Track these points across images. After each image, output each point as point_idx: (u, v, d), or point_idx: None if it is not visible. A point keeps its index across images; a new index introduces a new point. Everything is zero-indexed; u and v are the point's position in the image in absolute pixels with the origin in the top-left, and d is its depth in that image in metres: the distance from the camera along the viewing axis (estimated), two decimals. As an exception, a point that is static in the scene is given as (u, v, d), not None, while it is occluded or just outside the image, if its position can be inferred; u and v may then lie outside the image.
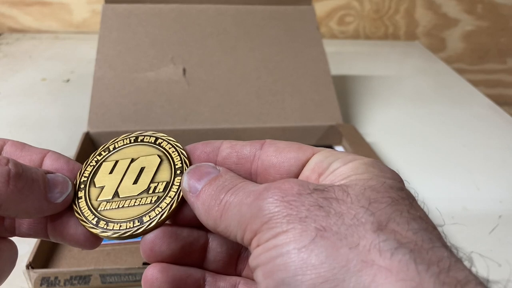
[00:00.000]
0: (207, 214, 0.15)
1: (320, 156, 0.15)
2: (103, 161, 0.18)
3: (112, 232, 0.16)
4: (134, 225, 0.16)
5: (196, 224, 0.16)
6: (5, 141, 0.17)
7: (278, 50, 0.48)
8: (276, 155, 0.16)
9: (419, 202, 0.14)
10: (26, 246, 0.30)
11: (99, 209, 0.16)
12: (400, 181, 0.14)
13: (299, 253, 0.12)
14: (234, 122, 0.43)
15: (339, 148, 0.44)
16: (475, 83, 0.67)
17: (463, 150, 0.47)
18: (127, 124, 0.41)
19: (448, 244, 0.13)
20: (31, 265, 0.25)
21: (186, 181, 0.16)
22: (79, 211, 0.16)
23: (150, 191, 0.16)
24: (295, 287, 0.11)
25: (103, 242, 0.29)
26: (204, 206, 0.15)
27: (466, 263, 0.12)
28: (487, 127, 0.53)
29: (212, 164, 0.16)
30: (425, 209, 0.14)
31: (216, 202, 0.14)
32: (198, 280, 0.16)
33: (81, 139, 0.38)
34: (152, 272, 0.15)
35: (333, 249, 0.11)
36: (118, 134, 0.44)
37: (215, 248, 0.17)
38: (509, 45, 0.86)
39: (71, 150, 0.40)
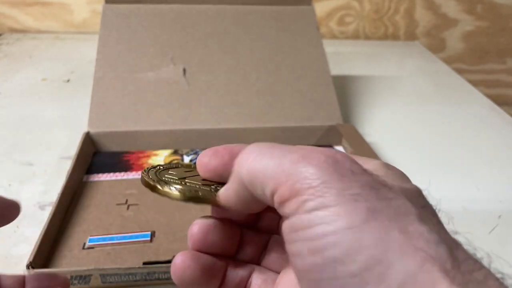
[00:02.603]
0: (230, 158, 0.15)
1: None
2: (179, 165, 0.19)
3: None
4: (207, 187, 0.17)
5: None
6: None
7: (278, 50, 0.48)
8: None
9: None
10: (26, 246, 0.30)
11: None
12: (422, 192, 0.15)
13: (352, 233, 0.11)
14: (234, 122, 0.43)
15: (339, 148, 0.44)
16: (475, 83, 0.67)
17: (462, 150, 0.47)
18: (128, 124, 0.41)
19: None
20: (31, 265, 0.25)
21: (200, 156, 0.16)
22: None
23: (213, 186, 0.17)
24: (347, 265, 0.11)
25: (104, 242, 0.29)
26: (226, 156, 0.15)
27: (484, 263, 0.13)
28: (487, 127, 0.53)
29: None
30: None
31: (246, 150, 0.14)
32: (222, 267, 0.17)
33: (81, 139, 0.38)
34: (183, 259, 0.16)
35: (385, 231, 0.11)
36: (118, 134, 0.45)
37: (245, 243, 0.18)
38: (508, 45, 0.86)
39: (71, 150, 0.40)
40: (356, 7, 0.79)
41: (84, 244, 0.29)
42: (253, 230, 0.18)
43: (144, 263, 0.27)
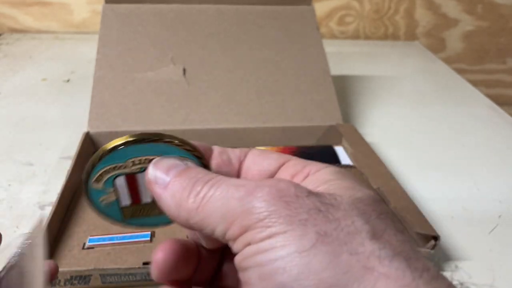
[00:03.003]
0: (179, 206, 0.14)
1: (295, 161, 0.17)
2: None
3: None
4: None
5: None
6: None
7: (278, 50, 0.48)
8: (260, 153, 0.17)
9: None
10: (26, 246, 0.30)
11: None
12: (378, 195, 0.15)
13: (301, 257, 0.11)
14: (234, 122, 0.43)
15: (339, 148, 0.44)
16: (475, 83, 0.67)
17: (462, 150, 0.47)
18: (128, 124, 0.41)
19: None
20: (32, 265, 0.25)
21: (152, 172, 0.15)
22: None
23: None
24: None
25: (104, 242, 0.29)
26: (175, 198, 0.14)
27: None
28: (487, 127, 0.53)
29: (178, 157, 0.16)
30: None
31: (192, 194, 0.14)
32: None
33: (81, 139, 0.38)
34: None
35: (334, 254, 0.11)
36: (118, 134, 0.44)
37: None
38: (508, 45, 0.86)
39: (71, 150, 0.40)
40: (356, 7, 0.79)
41: (84, 244, 0.29)
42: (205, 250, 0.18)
43: (144, 263, 0.27)
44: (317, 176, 0.15)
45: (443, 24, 0.83)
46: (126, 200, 0.17)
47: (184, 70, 0.45)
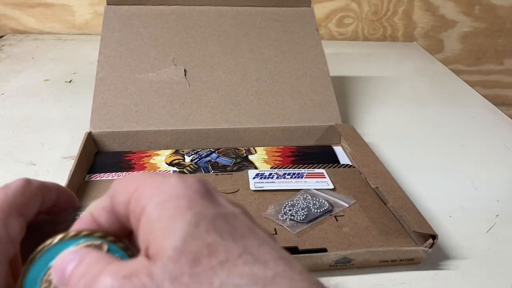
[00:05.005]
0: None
1: None
2: None
3: None
4: None
5: None
6: None
7: (278, 51, 0.48)
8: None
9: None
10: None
11: None
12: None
13: None
14: (235, 122, 0.43)
15: (338, 148, 0.44)
16: (472, 84, 0.68)
17: (460, 150, 0.48)
18: (129, 124, 0.41)
19: None
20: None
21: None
22: None
23: None
24: None
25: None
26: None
27: None
28: (484, 127, 0.53)
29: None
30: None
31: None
32: None
33: (83, 139, 0.39)
34: None
35: None
36: (120, 134, 0.45)
37: None
38: (506, 46, 0.86)
39: (73, 150, 0.41)
40: (355, 9, 0.80)
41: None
42: None
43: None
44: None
45: (441, 25, 0.83)
46: None
47: (185, 71, 0.45)
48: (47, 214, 0.20)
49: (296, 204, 0.34)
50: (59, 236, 0.15)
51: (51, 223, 0.19)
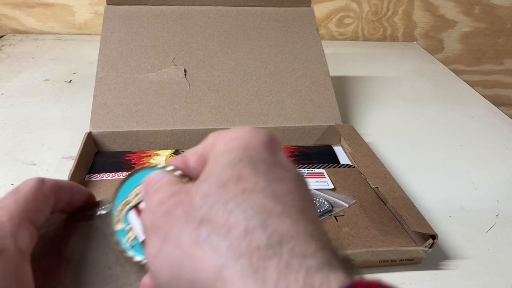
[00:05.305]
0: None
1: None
2: None
3: None
4: None
5: None
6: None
7: (278, 51, 0.48)
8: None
9: None
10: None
11: None
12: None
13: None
14: (235, 122, 0.43)
15: (338, 148, 0.44)
16: (472, 84, 0.68)
17: (460, 150, 0.48)
18: (129, 124, 0.41)
19: None
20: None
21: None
22: None
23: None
24: None
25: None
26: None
27: None
28: (484, 127, 0.53)
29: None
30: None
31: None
32: None
33: (83, 139, 0.39)
34: None
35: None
36: (120, 134, 0.45)
37: None
38: (506, 46, 0.86)
39: (73, 150, 0.41)
40: (355, 9, 0.80)
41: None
42: None
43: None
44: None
45: (441, 25, 0.83)
46: (141, 233, 0.17)
47: (185, 71, 0.45)
48: (62, 212, 0.19)
49: (296, 204, 0.34)
50: (148, 165, 0.18)
51: (65, 224, 0.19)
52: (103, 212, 0.19)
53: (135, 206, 0.18)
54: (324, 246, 0.12)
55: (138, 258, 0.17)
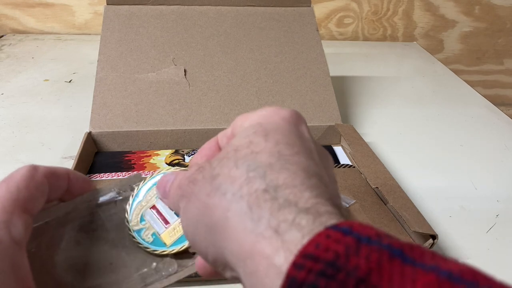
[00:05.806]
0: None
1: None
2: None
3: None
4: None
5: None
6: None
7: (278, 51, 0.48)
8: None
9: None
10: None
11: None
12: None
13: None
14: (235, 122, 0.43)
15: (338, 148, 0.44)
16: (473, 84, 0.68)
17: (460, 150, 0.48)
18: (129, 124, 0.41)
19: None
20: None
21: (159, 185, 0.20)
22: None
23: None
24: None
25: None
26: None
27: None
28: (484, 127, 0.53)
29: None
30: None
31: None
32: None
33: (83, 139, 0.39)
34: None
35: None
36: (119, 134, 0.45)
37: None
38: (506, 46, 0.86)
39: (73, 150, 0.41)
40: (355, 9, 0.80)
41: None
42: None
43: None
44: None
45: (441, 25, 0.83)
46: (160, 227, 0.20)
47: (185, 71, 0.45)
48: (60, 201, 0.19)
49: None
50: (159, 171, 0.20)
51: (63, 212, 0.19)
52: (104, 199, 0.19)
53: (151, 207, 0.20)
54: (319, 194, 0.13)
55: (158, 250, 0.19)
